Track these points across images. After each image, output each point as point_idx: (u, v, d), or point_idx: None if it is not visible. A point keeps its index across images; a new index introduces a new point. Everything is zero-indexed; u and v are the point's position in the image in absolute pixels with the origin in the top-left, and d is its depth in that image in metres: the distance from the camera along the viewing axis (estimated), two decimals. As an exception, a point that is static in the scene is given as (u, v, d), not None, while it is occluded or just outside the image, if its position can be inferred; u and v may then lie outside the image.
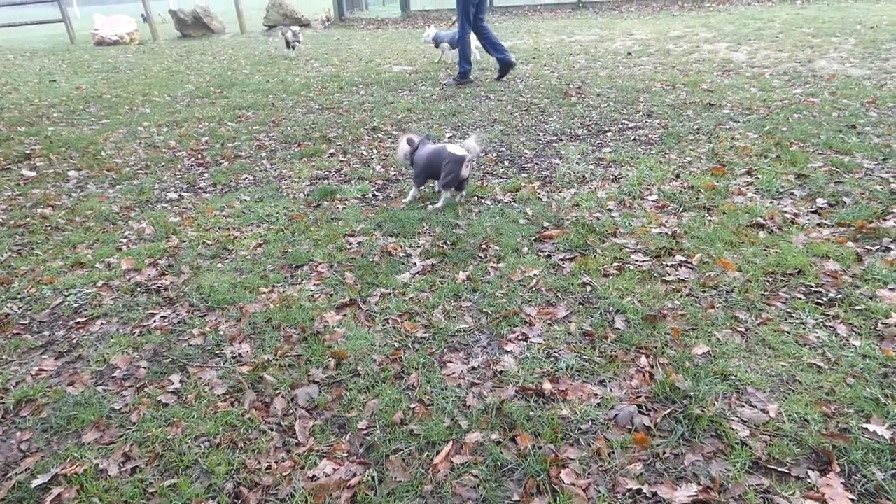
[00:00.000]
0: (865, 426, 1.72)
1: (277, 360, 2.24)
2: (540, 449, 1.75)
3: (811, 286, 2.44)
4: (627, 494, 1.59)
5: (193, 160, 4.81)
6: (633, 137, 4.55)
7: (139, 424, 1.96)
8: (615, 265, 2.72)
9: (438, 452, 1.76)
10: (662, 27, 10.16)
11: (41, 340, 2.49)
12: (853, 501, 1.51)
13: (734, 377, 1.96)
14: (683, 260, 2.72)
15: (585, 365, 2.10)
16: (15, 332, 2.56)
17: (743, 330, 2.21)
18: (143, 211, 3.81)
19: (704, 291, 2.47)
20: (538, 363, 2.12)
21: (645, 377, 2.00)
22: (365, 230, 3.29)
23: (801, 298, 2.36)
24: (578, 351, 2.17)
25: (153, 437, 1.90)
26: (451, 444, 1.78)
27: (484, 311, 2.46)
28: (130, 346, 2.40)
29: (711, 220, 3.07)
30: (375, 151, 4.70)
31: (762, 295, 2.40)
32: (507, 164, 4.20)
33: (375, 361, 2.19)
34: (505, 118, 5.34)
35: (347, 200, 3.74)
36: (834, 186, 3.32)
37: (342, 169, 4.35)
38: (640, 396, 1.92)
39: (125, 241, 3.37)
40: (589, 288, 2.56)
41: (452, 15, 7.05)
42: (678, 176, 3.69)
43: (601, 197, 3.47)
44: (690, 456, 1.69)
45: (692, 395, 1.89)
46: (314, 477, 1.71)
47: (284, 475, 1.72)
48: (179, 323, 2.54)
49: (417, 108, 5.94)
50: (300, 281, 2.82)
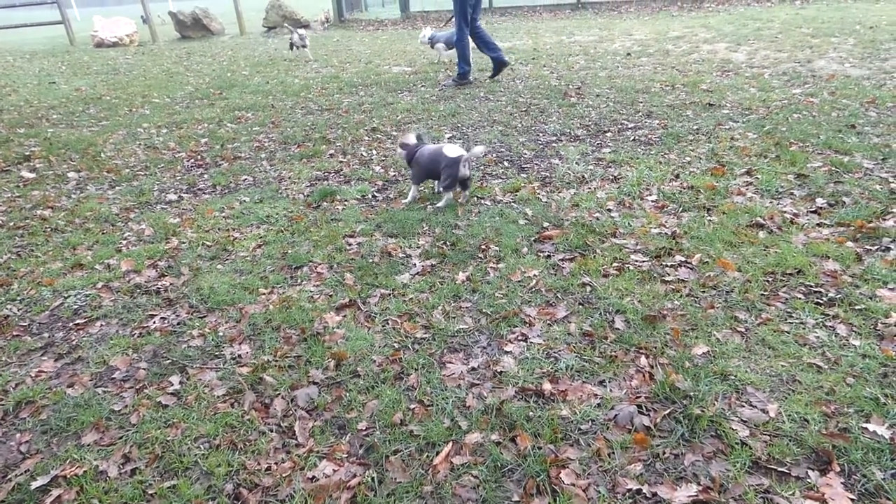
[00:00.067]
0: (865, 426, 1.72)
1: (277, 361, 2.24)
2: (540, 449, 1.75)
3: (811, 286, 2.44)
4: (627, 495, 1.59)
5: (193, 161, 4.81)
6: (632, 138, 4.55)
7: (139, 426, 1.96)
8: (615, 265, 2.73)
9: (438, 453, 1.76)
10: (662, 27, 10.17)
11: (41, 342, 2.49)
12: (853, 501, 1.51)
13: (734, 377, 1.96)
14: (683, 260, 2.72)
15: (585, 365, 2.10)
16: (14, 333, 2.56)
17: (743, 330, 2.21)
18: (142, 212, 3.81)
19: (704, 291, 2.47)
20: (538, 363, 2.12)
21: (645, 377, 2.00)
22: (364, 231, 3.29)
23: (800, 298, 2.36)
24: (578, 351, 2.17)
25: (153, 438, 1.90)
26: (450, 444, 1.78)
27: (484, 311, 2.46)
28: (130, 347, 2.40)
29: (711, 220, 3.07)
30: (375, 152, 4.70)
31: (762, 295, 2.40)
32: (506, 164, 4.21)
33: (375, 362, 2.19)
34: (504, 119, 5.34)
35: (347, 201, 3.74)
36: (833, 186, 3.32)
37: (342, 170, 4.35)
38: (639, 397, 1.92)
39: (125, 242, 3.37)
40: (588, 288, 2.56)
41: (450, 15, 7.05)
42: (678, 176, 3.69)
43: (601, 197, 3.47)
44: (690, 456, 1.69)
45: (692, 395, 1.89)
46: (314, 478, 1.71)
47: (284, 476, 1.72)
48: (179, 324, 2.54)
49: (417, 108, 5.95)
50: (300, 282, 2.82)
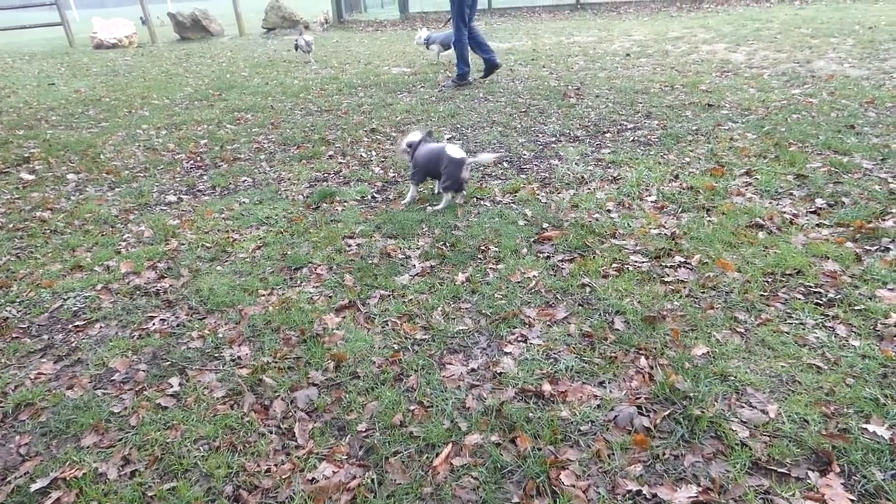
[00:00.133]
0: (865, 426, 1.72)
1: (277, 362, 2.24)
2: (540, 450, 1.74)
3: (810, 286, 2.44)
4: (627, 496, 1.59)
5: (192, 163, 4.81)
6: (631, 138, 4.55)
7: (138, 428, 1.95)
8: (614, 266, 2.73)
9: (438, 454, 1.76)
10: (661, 28, 10.18)
11: (40, 344, 2.48)
12: (853, 502, 1.51)
13: (734, 378, 1.96)
14: (682, 261, 2.72)
15: (585, 366, 2.10)
16: (14, 335, 2.55)
17: (742, 330, 2.21)
18: (142, 214, 3.81)
19: (704, 292, 2.47)
20: (538, 364, 2.11)
21: (644, 378, 2.00)
22: (364, 232, 3.29)
23: (800, 299, 2.36)
24: (578, 352, 2.17)
25: (152, 440, 1.90)
26: (450, 445, 1.78)
27: (483, 312, 2.46)
28: (129, 349, 2.39)
29: (710, 220, 3.07)
30: (374, 153, 4.70)
31: (761, 295, 2.40)
32: (506, 165, 4.21)
33: (375, 363, 2.19)
34: (504, 119, 5.34)
35: (346, 202, 3.74)
36: (833, 187, 3.33)
37: (341, 171, 4.35)
38: (639, 397, 1.92)
39: (124, 244, 3.37)
40: (588, 289, 2.56)
41: (448, 16, 7.05)
42: (677, 177, 3.69)
43: (600, 198, 3.47)
44: (690, 457, 1.69)
45: (692, 395, 1.89)
46: (314, 479, 1.71)
47: (284, 478, 1.72)
48: (178, 326, 2.54)
49: (416, 109, 5.95)
50: (299, 283, 2.82)
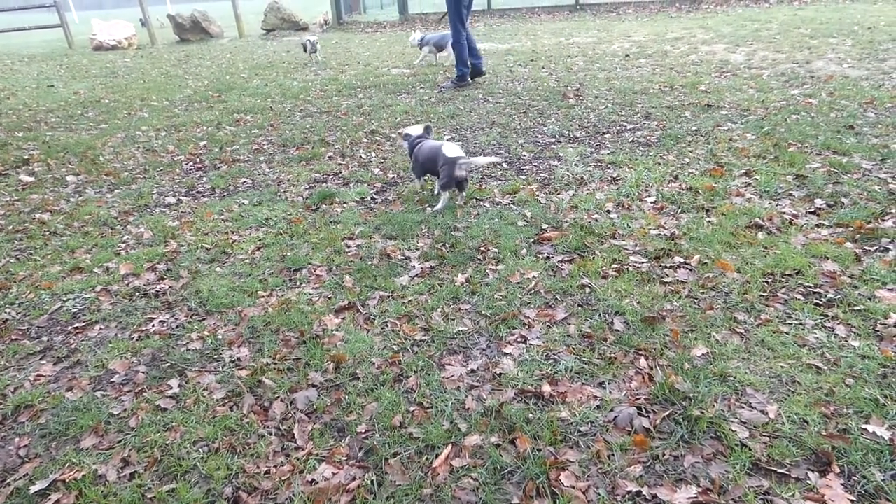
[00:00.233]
0: (865, 427, 1.72)
1: (276, 363, 2.23)
2: (539, 451, 1.74)
3: (810, 287, 2.44)
4: (627, 497, 1.58)
5: (192, 164, 4.81)
6: (631, 139, 4.55)
7: (138, 429, 1.95)
8: (614, 267, 2.72)
9: (438, 455, 1.75)
10: (660, 29, 10.19)
11: (39, 346, 2.48)
12: (853, 502, 1.51)
13: (733, 378, 1.96)
14: (682, 261, 2.72)
15: (584, 367, 2.09)
16: (13, 337, 2.55)
17: (742, 331, 2.21)
18: (141, 215, 3.81)
19: (703, 293, 2.47)
20: (537, 365, 2.11)
21: (644, 379, 2.00)
22: (363, 233, 3.29)
23: (799, 299, 2.36)
24: (577, 353, 2.17)
25: (152, 441, 1.89)
26: (450, 447, 1.78)
27: (483, 313, 2.46)
28: (129, 350, 2.39)
29: (710, 221, 3.07)
30: (374, 154, 4.70)
31: (761, 296, 2.40)
32: (505, 166, 4.21)
33: (374, 364, 2.19)
34: (503, 120, 5.35)
35: (346, 203, 3.74)
36: (832, 187, 3.33)
37: (341, 172, 4.35)
38: (639, 398, 1.92)
39: (123, 245, 3.37)
40: (588, 290, 2.56)
41: (441, 14, 7.07)
42: (676, 177, 3.70)
43: (600, 199, 3.47)
44: (690, 458, 1.69)
45: (691, 396, 1.89)
46: (313, 481, 1.70)
47: (283, 479, 1.72)
48: (178, 327, 2.54)
49: (416, 110, 5.95)
50: (299, 284, 2.81)
